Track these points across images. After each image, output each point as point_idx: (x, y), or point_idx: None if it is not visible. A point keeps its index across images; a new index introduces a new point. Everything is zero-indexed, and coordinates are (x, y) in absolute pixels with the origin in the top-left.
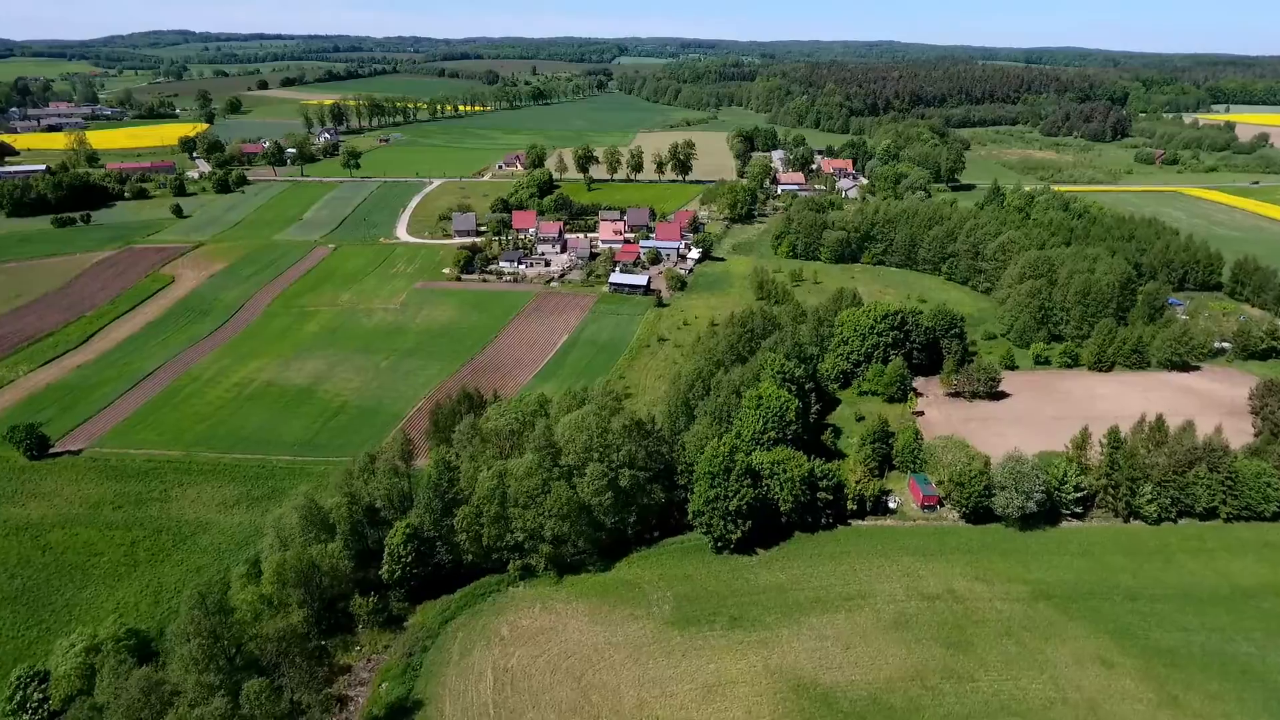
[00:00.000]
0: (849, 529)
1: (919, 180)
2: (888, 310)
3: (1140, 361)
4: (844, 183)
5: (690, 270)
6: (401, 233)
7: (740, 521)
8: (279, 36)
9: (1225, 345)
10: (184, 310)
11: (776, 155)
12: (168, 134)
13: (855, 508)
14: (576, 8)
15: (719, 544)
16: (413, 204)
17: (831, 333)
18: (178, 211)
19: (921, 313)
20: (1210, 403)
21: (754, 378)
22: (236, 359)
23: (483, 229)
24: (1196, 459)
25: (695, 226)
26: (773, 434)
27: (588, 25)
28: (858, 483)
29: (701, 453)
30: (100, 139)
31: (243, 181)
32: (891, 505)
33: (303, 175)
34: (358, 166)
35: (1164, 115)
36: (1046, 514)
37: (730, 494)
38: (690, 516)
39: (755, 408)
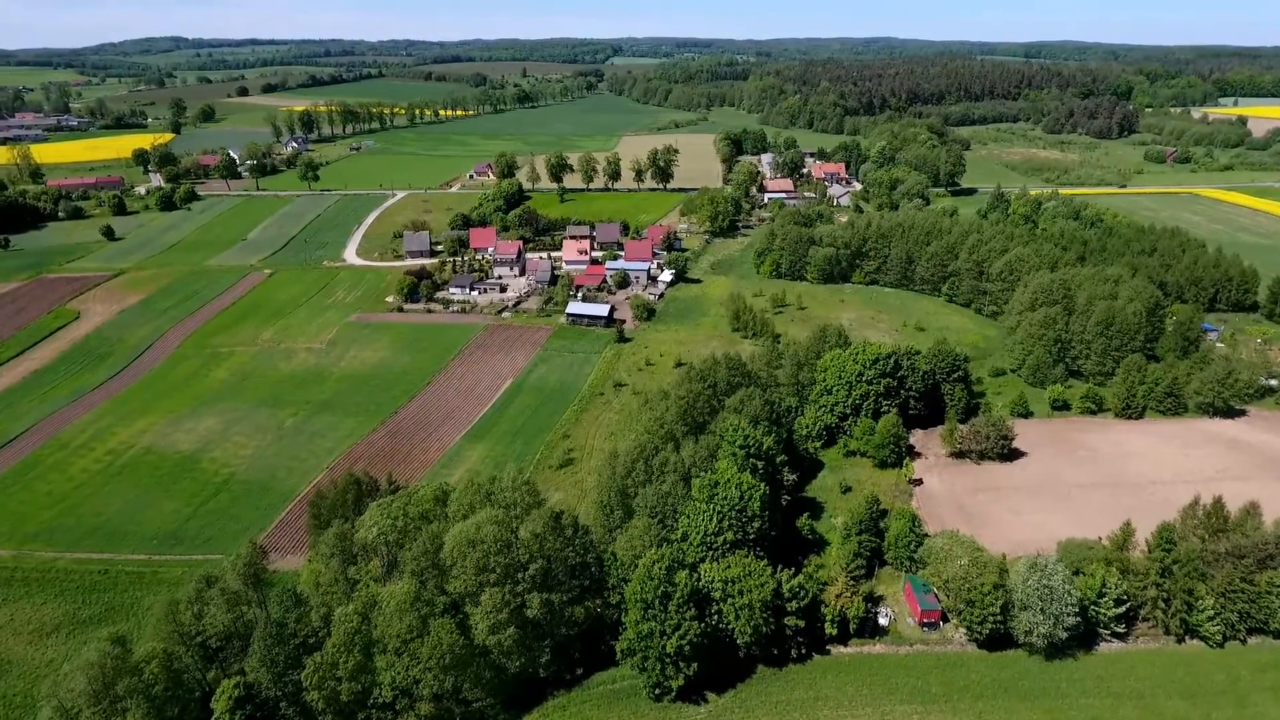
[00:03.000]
0: (828, 660)
1: (916, 186)
2: (879, 353)
3: (1176, 406)
4: (835, 189)
5: (661, 295)
6: (350, 254)
7: (683, 664)
8: (271, 41)
9: (1273, 383)
10: (80, 354)
11: (765, 159)
12: (126, 146)
13: (836, 631)
14: (573, 8)
15: (657, 691)
16: (369, 220)
17: (813, 379)
18: (109, 234)
19: (919, 353)
20: (1265, 461)
21: (710, 455)
22: (121, 417)
23: (439, 248)
24: (1267, 556)
25: (670, 243)
26: (730, 535)
27: (585, 26)
28: (839, 597)
29: (635, 567)
30: (54, 152)
31: (192, 197)
32: (882, 621)
33: (258, 189)
34: (316, 179)
35: (1171, 110)
36: (1080, 634)
37: (669, 629)
38: (619, 655)
39: (708, 500)
